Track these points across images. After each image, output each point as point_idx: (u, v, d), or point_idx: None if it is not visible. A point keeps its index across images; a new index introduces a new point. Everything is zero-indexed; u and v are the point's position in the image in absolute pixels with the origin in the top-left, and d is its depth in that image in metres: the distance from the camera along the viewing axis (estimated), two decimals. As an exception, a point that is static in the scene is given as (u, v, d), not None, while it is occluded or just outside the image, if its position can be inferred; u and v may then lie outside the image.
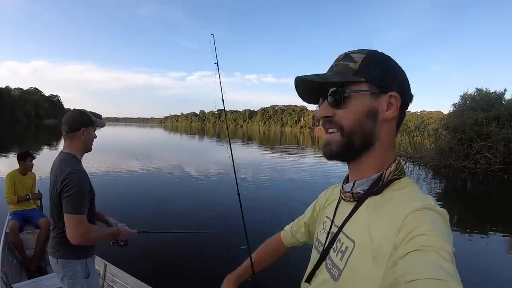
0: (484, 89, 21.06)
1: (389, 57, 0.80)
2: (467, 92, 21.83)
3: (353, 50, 0.79)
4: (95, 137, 2.16)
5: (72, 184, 1.81)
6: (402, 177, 0.78)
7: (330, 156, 0.80)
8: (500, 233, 7.24)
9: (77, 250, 1.92)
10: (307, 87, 0.82)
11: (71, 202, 1.80)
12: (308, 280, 0.91)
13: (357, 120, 0.75)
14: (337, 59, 0.81)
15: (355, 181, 0.81)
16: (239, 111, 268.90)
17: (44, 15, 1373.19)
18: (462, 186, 14.51)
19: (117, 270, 3.36)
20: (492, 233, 7.30)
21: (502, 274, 5.15)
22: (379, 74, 0.76)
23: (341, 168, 12.55)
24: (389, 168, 0.77)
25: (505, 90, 20.22)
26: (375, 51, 0.79)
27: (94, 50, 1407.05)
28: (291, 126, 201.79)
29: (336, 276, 0.76)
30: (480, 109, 19.22)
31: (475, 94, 21.32)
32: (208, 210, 7.96)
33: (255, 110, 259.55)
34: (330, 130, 0.80)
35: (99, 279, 3.32)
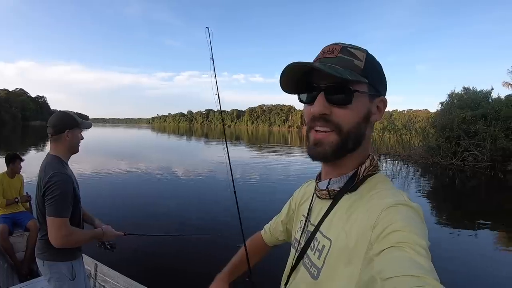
0: (471, 88, 21.53)
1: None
2: (454, 91, 22.33)
3: (350, 45, 0.76)
4: (82, 138, 2.14)
5: (54, 186, 1.81)
6: (376, 173, 0.79)
7: (323, 157, 0.77)
8: (488, 228, 7.43)
9: (62, 252, 1.92)
10: (293, 74, 0.76)
11: (53, 204, 1.79)
12: (287, 279, 0.92)
13: (357, 122, 0.74)
14: (330, 50, 0.75)
15: (330, 178, 0.81)
16: (227, 111, 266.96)
17: (30, 14, 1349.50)
18: (450, 183, 14.72)
19: (108, 269, 3.33)
20: (481, 227, 7.47)
21: (490, 267, 5.26)
22: (377, 77, 0.77)
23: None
24: (364, 164, 0.78)
25: (492, 89, 20.74)
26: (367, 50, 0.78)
27: (82, 50, 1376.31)
28: (279, 126, 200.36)
29: (315, 275, 0.75)
30: (468, 108, 19.59)
31: (463, 92, 21.74)
32: (201, 210, 7.92)
33: (243, 109, 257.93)
34: (321, 129, 0.74)
35: (90, 279, 3.30)
